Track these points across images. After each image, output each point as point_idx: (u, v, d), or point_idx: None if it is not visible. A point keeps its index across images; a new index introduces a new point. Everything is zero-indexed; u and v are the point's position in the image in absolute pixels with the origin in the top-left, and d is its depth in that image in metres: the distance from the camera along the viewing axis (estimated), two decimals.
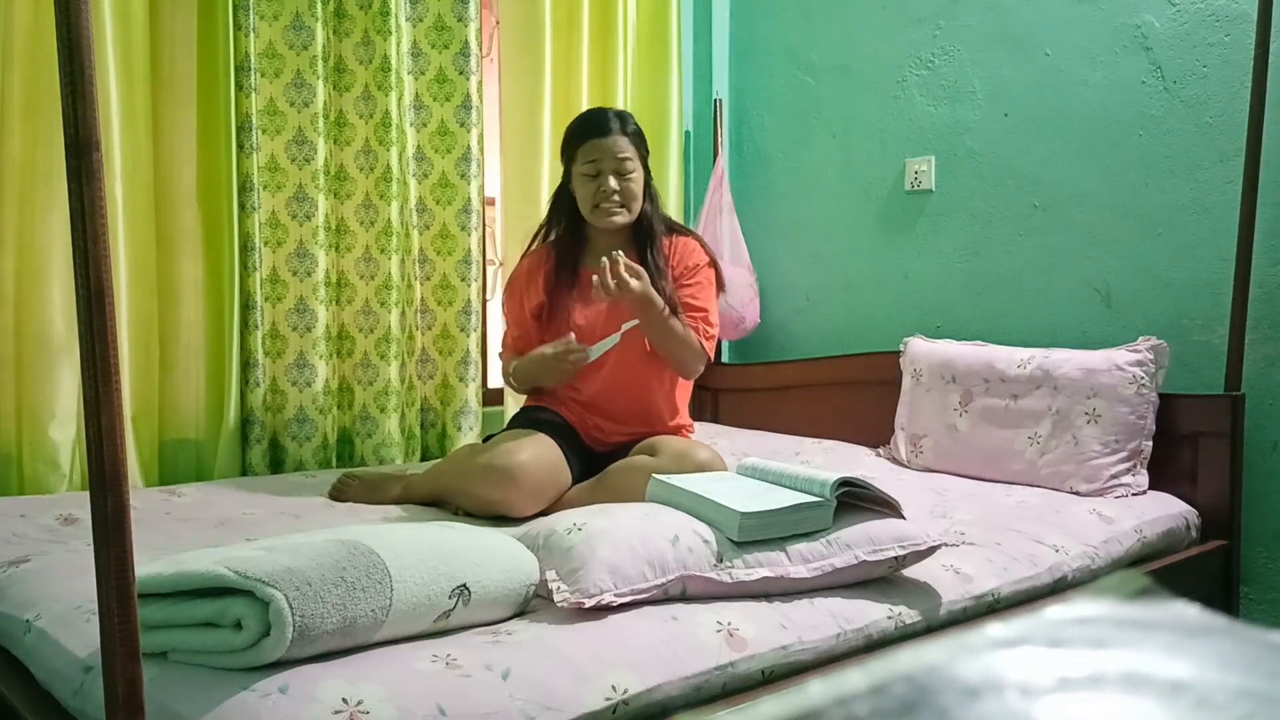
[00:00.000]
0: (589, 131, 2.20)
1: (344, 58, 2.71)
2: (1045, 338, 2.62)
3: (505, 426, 2.33)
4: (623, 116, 2.24)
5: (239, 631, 1.10)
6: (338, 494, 2.23)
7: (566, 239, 2.30)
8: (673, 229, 2.35)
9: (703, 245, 2.34)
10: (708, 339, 2.23)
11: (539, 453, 2.04)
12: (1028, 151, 2.70)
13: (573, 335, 2.11)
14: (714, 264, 2.33)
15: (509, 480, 1.96)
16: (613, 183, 2.17)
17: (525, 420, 2.26)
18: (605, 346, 2.12)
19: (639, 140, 2.24)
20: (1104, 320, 2.56)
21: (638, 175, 2.22)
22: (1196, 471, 2.31)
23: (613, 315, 2.18)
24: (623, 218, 2.21)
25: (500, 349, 2.37)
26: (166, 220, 2.52)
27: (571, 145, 2.23)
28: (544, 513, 1.99)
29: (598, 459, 2.20)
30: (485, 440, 2.28)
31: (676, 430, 2.31)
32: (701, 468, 1.98)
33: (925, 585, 1.61)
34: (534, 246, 2.36)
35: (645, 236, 2.27)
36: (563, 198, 2.30)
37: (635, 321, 2.11)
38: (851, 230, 3.12)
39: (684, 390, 2.36)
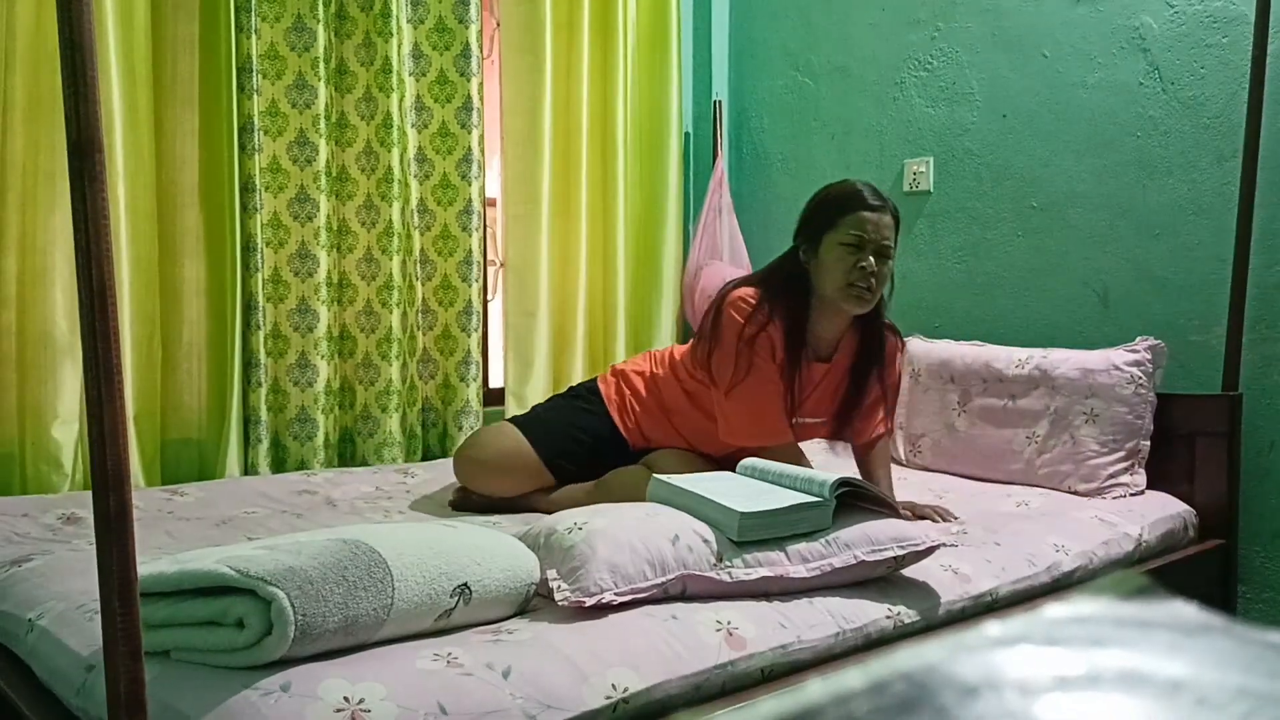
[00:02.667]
0: (859, 203, 1.96)
1: (345, 59, 2.71)
2: (1043, 338, 2.63)
3: (552, 412, 2.28)
4: (885, 195, 2.02)
5: (241, 630, 1.11)
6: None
7: (792, 313, 2.01)
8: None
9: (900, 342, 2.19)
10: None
11: (500, 447, 2.18)
12: (1026, 153, 2.71)
13: None
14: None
15: (474, 467, 2.18)
16: (873, 263, 1.94)
17: (564, 423, 2.22)
18: None
19: (899, 226, 2.02)
20: (1102, 320, 2.56)
21: (893, 264, 2.01)
22: (1194, 471, 2.31)
23: (797, 412, 2.06)
24: (870, 304, 1.98)
25: (755, 433, 2.01)
26: (169, 221, 2.52)
27: (833, 211, 1.97)
28: (538, 511, 2.03)
29: (633, 455, 2.18)
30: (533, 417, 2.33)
31: None
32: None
33: (924, 585, 1.61)
34: (755, 315, 2.01)
35: (874, 327, 2.08)
36: (792, 265, 2.03)
37: (816, 421, 2.10)
38: None
39: None
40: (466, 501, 2.17)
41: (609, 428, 2.20)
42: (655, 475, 1.72)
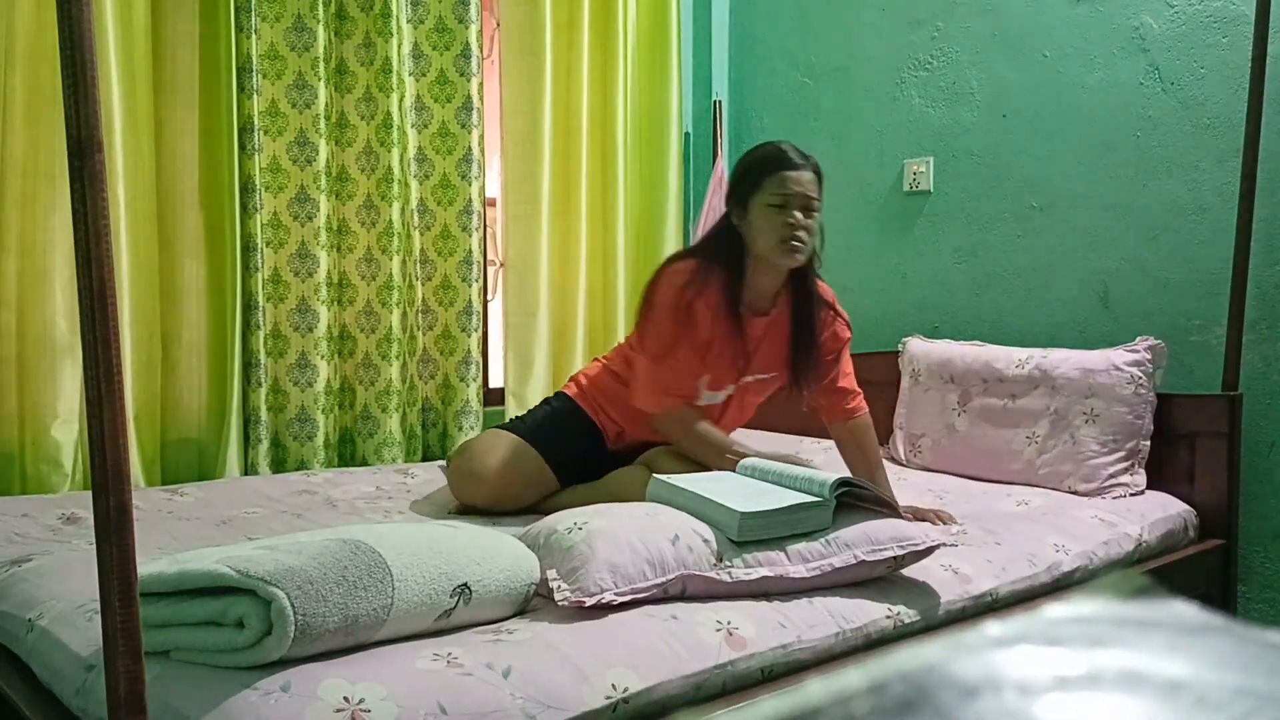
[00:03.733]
0: (779, 163, 2.04)
1: (345, 59, 2.71)
2: (1043, 338, 2.63)
3: (536, 418, 2.28)
4: (807, 154, 2.09)
5: (241, 630, 1.11)
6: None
7: (728, 275, 2.09)
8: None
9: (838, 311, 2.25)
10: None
11: (505, 462, 2.11)
12: (1026, 152, 2.71)
13: (704, 382, 2.09)
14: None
15: (476, 483, 2.11)
16: (800, 218, 2.02)
17: (551, 424, 2.23)
18: (717, 398, 2.15)
19: (821, 181, 2.09)
20: (1102, 320, 2.56)
21: (819, 216, 2.08)
22: (1194, 471, 2.31)
23: (747, 368, 2.14)
24: (803, 257, 2.05)
25: (661, 394, 2.08)
26: (169, 221, 2.52)
27: (756, 174, 2.05)
28: (537, 511, 2.05)
29: (615, 458, 2.19)
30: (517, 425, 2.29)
31: None
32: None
33: (924, 585, 1.61)
34: (688, 286, 2.08)
35: (807, 283, 2.14)
36: (726, 230, 2.11)
37: (764, 377, 2.16)
38: (850, 231, 3.12)
39: None
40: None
41: (590, 423, 2.23)
42: (655, 475, 1.72)
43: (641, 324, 2.13)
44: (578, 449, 2.19)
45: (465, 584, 1.28)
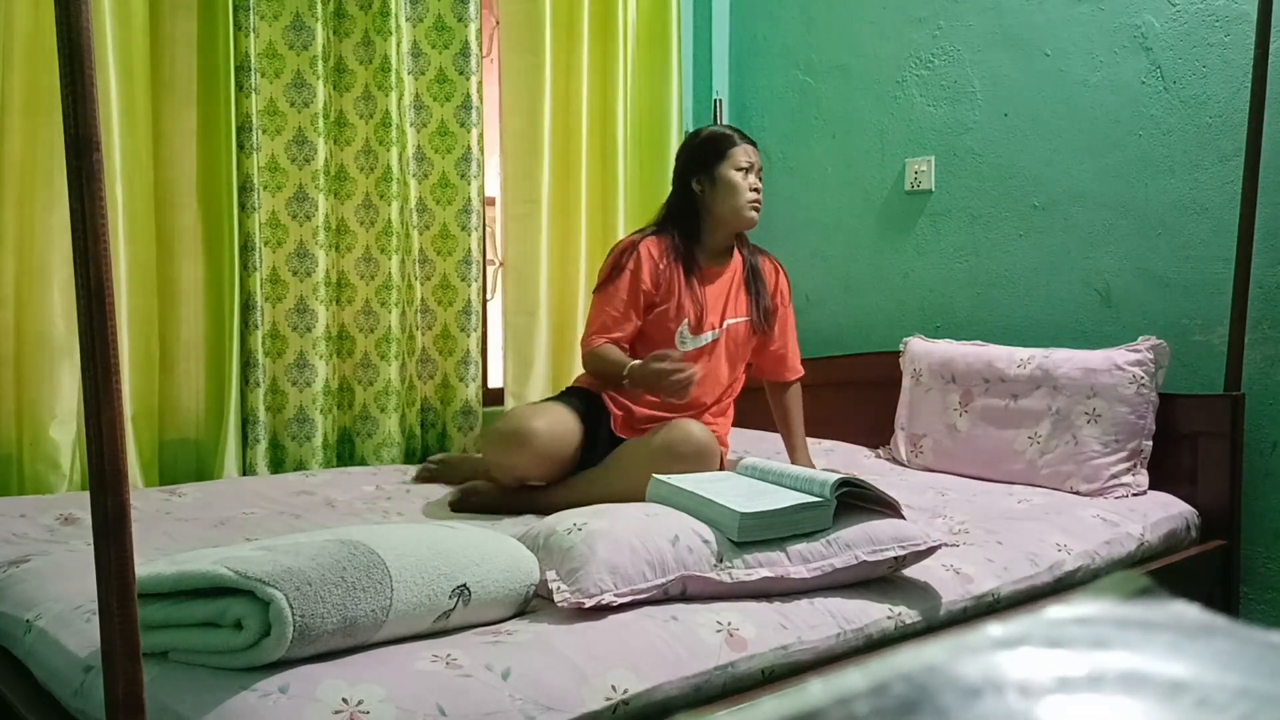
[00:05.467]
0: (739, 136, 2.39)
1: (344, 58, 2.71)
2: (1045, 337, 2.63)
3: (560, 398, 2.39)
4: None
5: (239, 631, 1.10)
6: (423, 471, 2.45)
7: (684, 237, 2.38)
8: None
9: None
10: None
11: (552, 420, 2.15)
12: (1027, 151, 2.70)
13: (685, 327, 2.33)
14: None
15: (520, 444, 2.09)
16: (758, 183, 2.36)
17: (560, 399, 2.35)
18: (703, 341, 2.35)
19: None
20: (1104, 320, 2.56)
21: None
22: (1196, 471, 2.31)
23: (725, 313, 2.38)
24: (759, 214, 2.38)
25: (587, 332, 2.37)
26: (167, 220, 2.52)
27: (720, 146, 2.36)
28: (537, 510, 2.04)
29: (617, 444, 2.24)
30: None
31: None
32: (699, 451, 2.03)
33: (925, 585, 1.61)
34: (643, 236, 2.39)
35: (746, 240, 2.47)
36: (682, 200, 2.40)
37: (740, 320, 2.40)
38: (851, 230, 3.12)
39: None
40: (466, 502, 2.17)
41: (601, 406, 2.31)
42: (655, 475, 1.72)
43: (601, 271, 2.40)
44: (593, 426, 2.25)
45: (464, 585, 1.28)
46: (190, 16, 2.51)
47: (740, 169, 2.34)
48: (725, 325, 2.38)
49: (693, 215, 2.38)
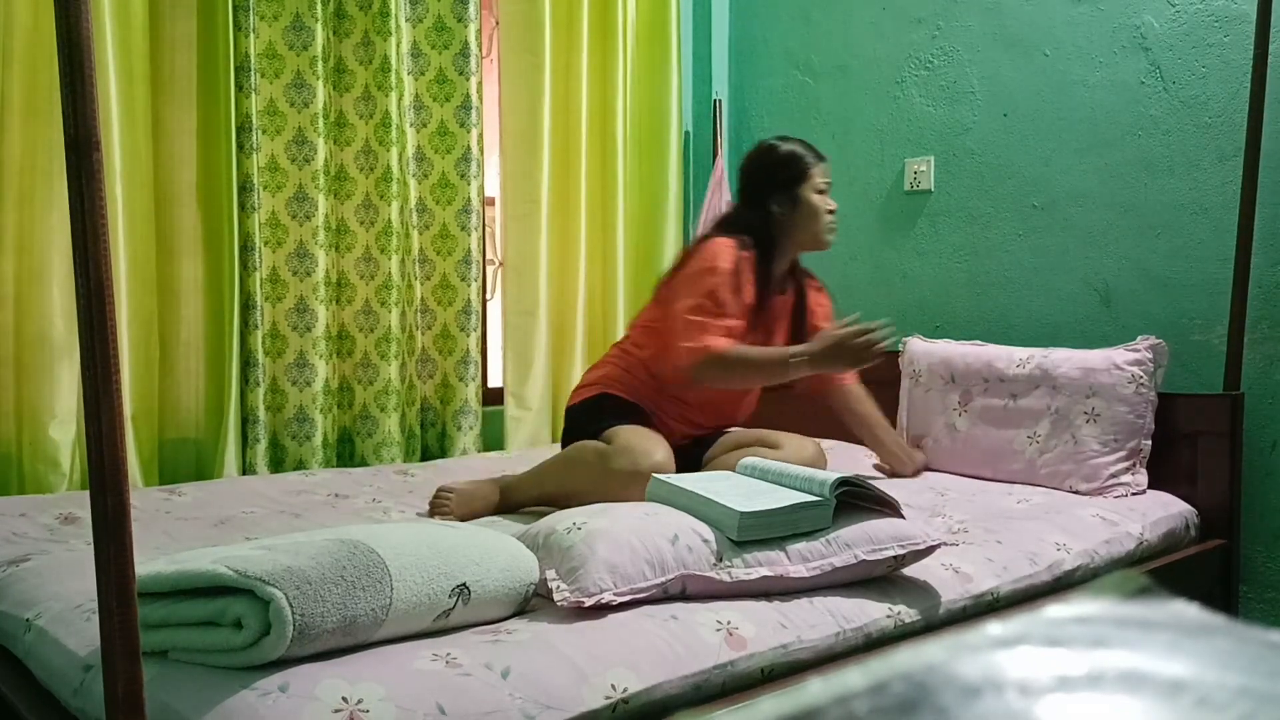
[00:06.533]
0: (818, 155, 2.30)
1: (344, 58, 2.71)
2: (1044, 337, 2.63)
3: (588, 416, 2.21)
4: None
5: (239, 630, 1.10)
6: (437, 511, 2.04)
7: (764, 258, 2.25)
8: None
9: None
10: None
11: (669, 454, 2.01)
12: (1027, 152, 2.70)
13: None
14: None
15: (648, 478, 1.89)
16: (834, 204, 2.29)
17: (622, 415, 2.18)
18: None
19: None
20: (1103, 320, 2.56)
21: None
22: (1196, 471, 2.31)
23: (771, 340, 2.30)
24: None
25: (691, 337, 2.11)
26: (167, 220, 2.52)
27: (802, 166, 2.26)
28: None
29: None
30: (595, 433, 2.12)
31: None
32: (812, 462, 2.07)
33: (925, 584, 1.61)
34: (737, 251, 2.20)
35: (799, 264, 2.39)
36: (759, 218, 2.25)
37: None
38: (851, 230, 3.12)
39: None
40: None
41: (649, 421, 2.21)
42: (655, 475, 1.72)
43: (683, 286, 2.18)
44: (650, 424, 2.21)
45: (464, 584, 1.28)
46: (190, 16, 2.51)
47: (820, 191, 2.26)
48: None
49: (768, 235, 2.25)
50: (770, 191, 2.26)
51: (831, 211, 2.27)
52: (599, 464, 1.98)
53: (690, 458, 2.23)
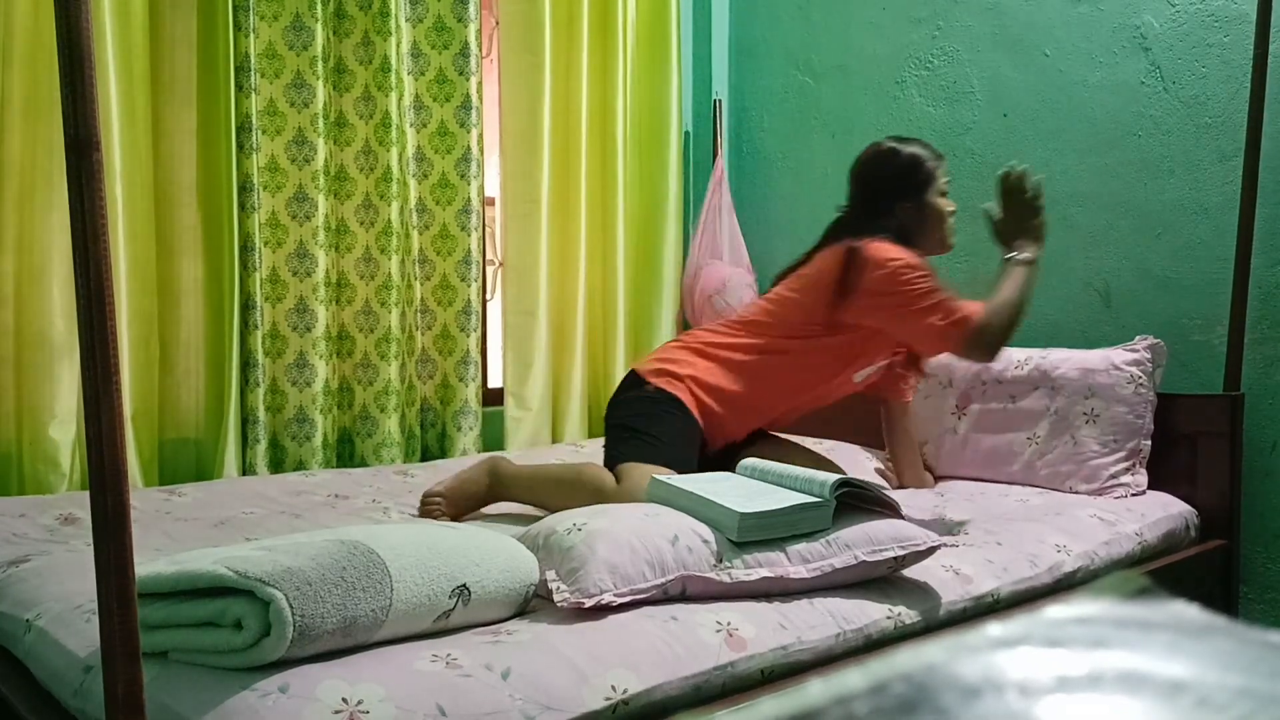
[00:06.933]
0: (937, 155, 2.22)
1: (344, 58, 2.71)
2: (1044, 338, 2.62)
3: (666, 433, 2.08)
4: None
5: (239, 631, 1.10)
6: (429, 517, 2.00)
7: None
8: None
9: None
10: None
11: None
12: (1027, 152, 2.70)
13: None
14: None
15: None
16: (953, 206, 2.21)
17: (670, 439, 2.07)
18: (870, 370, 2.24)
19: None
20: (1103, 320, 2.56)
21: None
22: (1196, 471, 2.31)
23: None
24: None
25: (955, 318, 2.02)
26: (167, 220, 2.52)
27: (929, 169, 2.18)
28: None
29: (704, 464, 2.09)
30: (619, 455, 2.05)
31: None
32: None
33: (925, 586, 1.61)
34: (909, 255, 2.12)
35: None
36: (891, 221, 2.16)
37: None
38: None
39: None
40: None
41: (699, 431, 2.11)
42: (654, 476, 1.72)
43: (884, 296, 2.06)
44: (691, 459, 2.07)
45: (464, 585, 1.28)
46: (190, 16, 2.51)
47: (945, 192, 2.20)
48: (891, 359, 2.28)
49: (902, 241, 2.14)
50: (898, 197, 2.17)
51: (952, 213, 2.20)
52: (595, 501, 1.90)
53: (712, 467, 2.08)
